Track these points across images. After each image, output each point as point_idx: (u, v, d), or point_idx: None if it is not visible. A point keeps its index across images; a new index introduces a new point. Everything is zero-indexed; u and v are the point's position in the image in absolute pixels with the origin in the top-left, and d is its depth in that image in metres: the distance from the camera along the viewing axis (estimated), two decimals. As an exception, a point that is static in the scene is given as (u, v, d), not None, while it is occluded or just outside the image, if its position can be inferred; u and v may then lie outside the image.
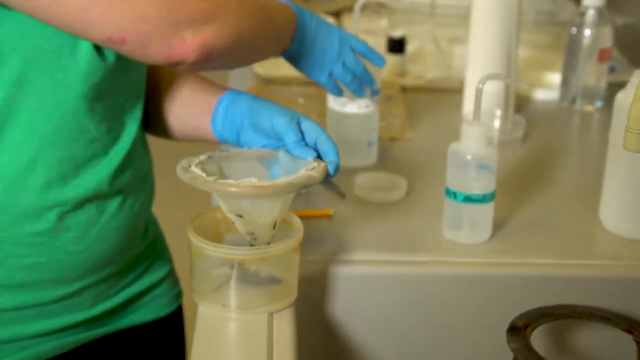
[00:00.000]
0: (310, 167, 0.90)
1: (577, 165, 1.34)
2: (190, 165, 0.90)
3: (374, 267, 1.02)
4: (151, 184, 1.02)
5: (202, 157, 0.92)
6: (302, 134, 0.93)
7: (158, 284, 1.07)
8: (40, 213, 0.89)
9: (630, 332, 0.95)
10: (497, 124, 1.35)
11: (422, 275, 1.02)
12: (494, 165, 1.03)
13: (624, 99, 1.05)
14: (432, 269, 1.02)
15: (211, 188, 0.87)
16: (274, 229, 0.91)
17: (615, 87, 1.18)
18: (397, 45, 1.59)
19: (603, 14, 1.45)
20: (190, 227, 0.91)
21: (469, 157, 1.02)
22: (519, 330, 0.92)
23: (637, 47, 1.75)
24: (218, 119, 0.99)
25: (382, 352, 1.04)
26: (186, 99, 1.02)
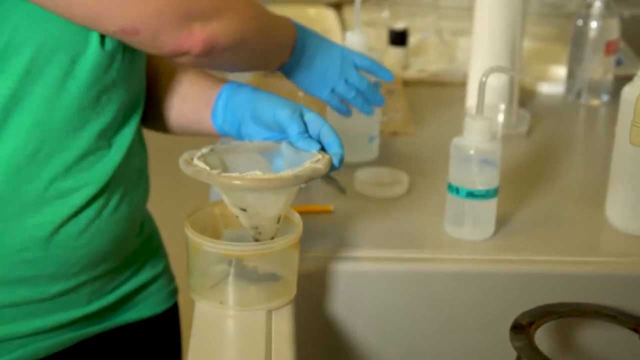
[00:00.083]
0: (315, 159, 0.89)
1: (582, 160, 1.33)
2: (193, 159, 0.90)
3: (374, 264, 1.02)
4: (147, 180, 1.02)
5: (204, 150, 0.92)
6: (305, 125, 0.93)
7: (154, 280, 1.07)
8: (42, 206, 0.89)
9: (636, 331, 0.95)
10: (501, 118, 1.35)
11: (423, 273, 1.02)
12: (498, 160, 1.03)
13: (630, 92, 1.05)
14: (433, 266, 1.02)
15: (215, 181, 0.87)
16: (278, 223, 0.91)
17: (622, 81, 1.17)
18: (399, 38, 1.58)
19: (610, 6, 1.45)
20: (187, 222, 0.91)
21: (471, 152, 1.02)
22: (522, 328, 0.92)
23: (644, 40, 1.75)
24: (218, 111, 0.99)
25: (383, 351, 1.04)
26: (185, 92, 1.02)
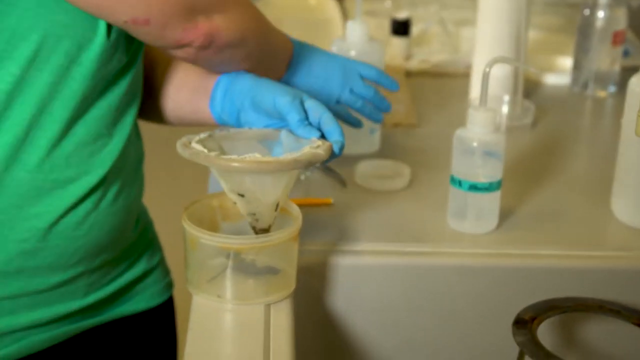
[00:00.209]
0: (315, 145, 0.90)
1: (588, 153, 1.34)
2: (191, 142, 0.90)
3: (375, 258, 1.02)
4: (142, 171, 1.03)
5: (203, 135, 0.92)
6: (306, 113, 0.94)
7: (149, 272, 1.07)
8: (41, 196, 0.90)
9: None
10: (505, 109, 1.35)
11: (425, 266, 1.02)
12: (501, 152, 1.03)
13: (637, 83, 1.05)
14: (435, 260, 1.02)
15: (213, 164, 0.88)
16: (276, 210, 0.91)
17: (629, 72, 1.17)
18: (401, 28, 1.59)
19: (617, -5, 1.45)
20: (184, 215, 0.91)
21: (475, 144, 1.02)
22: (525, 323, 0.92)
23: (652, 30, 1.75)
24: (217, 100, 0.99)
25: (383, 345, 1.05)
26: (182, 81, 1.02)
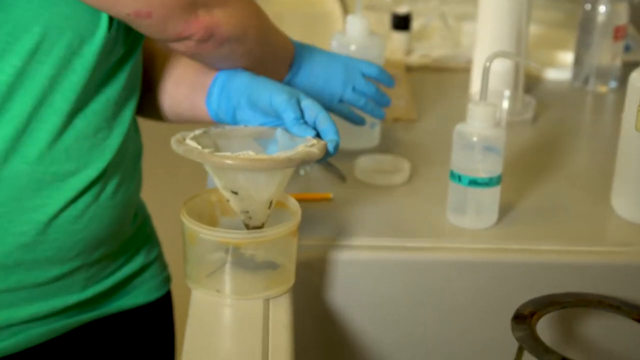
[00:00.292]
0: (310, 144, 0.91)
1: (588, 148, 1.34)
2: (185, 139, 0.91)
3: (374, 253, 1.03)
4: (140, 166, 1.04)
5: (197, 131, 0.93)
6: (302, 112, 0.94)
7: (147, 267, 1.08)
8: (41, 189, 0.90)
9: (639, 322, 0.97)
10: (505, 104, 1.36)
11: (425, 262, 1.02)
12: (501, 147, 1.04)
13: (638, 79, 1.05)
14: (435, 255, 1.03)
15: (207, 160, 0.88)
16: (269, 208, 0.92)
17: (631, 67, 1.17)
18: (401, 22, 1.59)
19: (618, -10, 1.46)
20: (183, 209, 0.92)
21: (475, 139, 1.03)
22: (524, 318, 0.93)
23: (654, 25, 1.75)
24: (213, 97, 1.00)
25: (382, 340, 1.05)
26: (180, 77, 1.03)
